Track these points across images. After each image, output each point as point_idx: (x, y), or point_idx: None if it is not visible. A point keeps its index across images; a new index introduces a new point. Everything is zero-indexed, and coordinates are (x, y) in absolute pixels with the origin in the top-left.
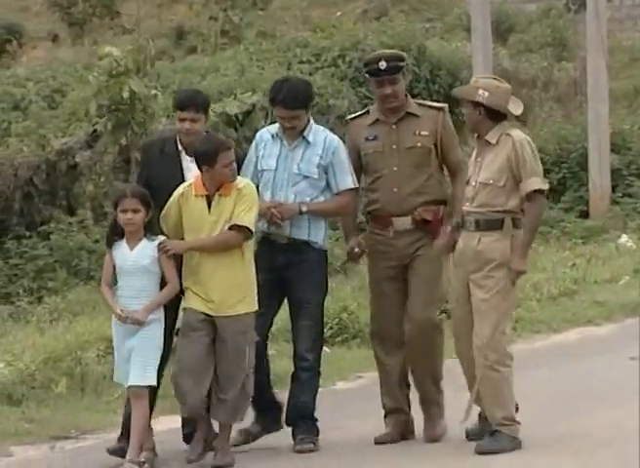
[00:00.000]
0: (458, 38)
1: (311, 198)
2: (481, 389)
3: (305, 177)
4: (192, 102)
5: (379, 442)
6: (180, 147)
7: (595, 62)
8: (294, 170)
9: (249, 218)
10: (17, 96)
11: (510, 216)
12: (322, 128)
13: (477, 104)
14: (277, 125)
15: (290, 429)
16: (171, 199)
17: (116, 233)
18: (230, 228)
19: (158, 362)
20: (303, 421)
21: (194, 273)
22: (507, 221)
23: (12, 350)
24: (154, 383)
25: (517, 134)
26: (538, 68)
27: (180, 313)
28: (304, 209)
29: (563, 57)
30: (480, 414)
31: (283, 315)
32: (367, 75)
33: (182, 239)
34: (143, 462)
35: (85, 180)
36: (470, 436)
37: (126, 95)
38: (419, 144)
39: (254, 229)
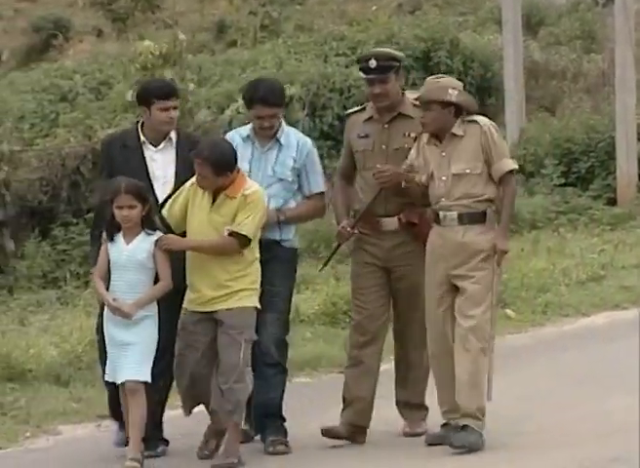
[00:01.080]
0: (489, 31)
1: (285, 200)
2: (464, 377)
3: (280, 180)
4: (175, 90)
5: (326, 434)
6: (142, 138)
7: (623, 54)
8: (268, 172)
9: (249, 227)
10: (64, 88)
11: (492, 207)
12: (293, 129)
13: (447, 104)
14: (248, 127)
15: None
16: (183, 186)
17: (115, 227)
18: (230, 234)
19: (152, 358)
20: (271, 420)
21: (193, 267)
22: (489, 212)
23: (60, 333)
24: (147, 379)
25: (480, 119)
26: (567, 60)
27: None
28: (282, 217)
29: (592, 49)
30: (447, 423)
31: None
32: (360, 72)
33: (180, 228)
34: (145, 457)
35: None
36: (430, 442)
37: None
38: (406, 146)
39: (254, 237)
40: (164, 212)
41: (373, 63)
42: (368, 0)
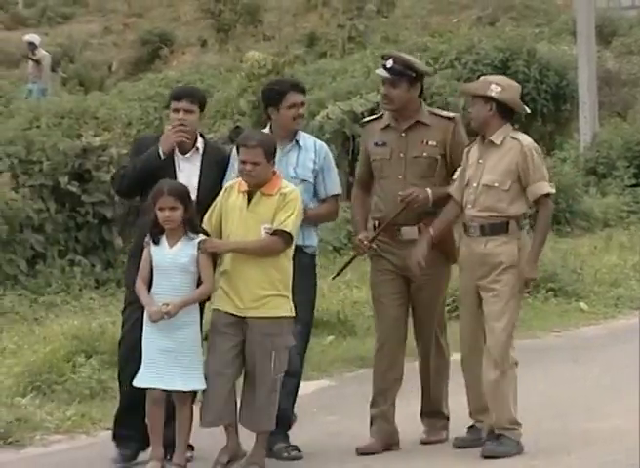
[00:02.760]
0: (564, 42)
1: (305, 203)
2: (489, 392)
3: (302, 182)
4: (189, 93)
5: (362, 452)
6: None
7: None
8: (290, 174)
9: (292, 225)
10: (168, 97)
11: (514, 221)
12: (307, 134)
13: (488, 99)
14: (265, 131)
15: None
16: (217, 197)
17: (158, 230)
18: (274, 233)
19: (201, 364)
20: (280, 428)
21: (227, 270)
22: (512, 224)
23: None
24: (199, 387)
25: (524, 138)
26: (638, 69)
27: (206, 315)
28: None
29: None
30: (473, 425)
31: None
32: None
33: (221, 237)
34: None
35: None
36: (458, 445)
37: None
38: (425, 154)
39: (295, 236)
40: (204, 224)
41: (389, 64)
42: (449, 13)
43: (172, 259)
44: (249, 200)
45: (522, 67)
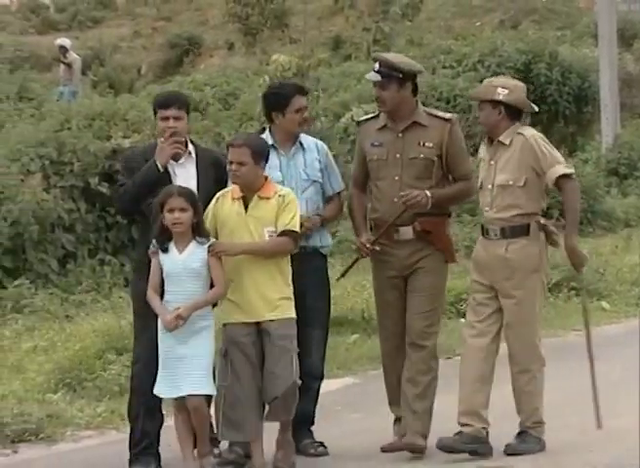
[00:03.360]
0: (586, 44)
1: (317, 203)
2: (518, 395)
3: (314, 182)
4: (176, 100)
5: (385, 450)
6: None
7: None
8: (302, 176)
9: (297, 224)
10: (196, 98)
11: (534, 220)
12: (306, 135)
13: (497, 103)
14: (265, 137)
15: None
16: (209, 206)
17: (165, 236)
18: (283, 234)
19: (211, 370)
20: (304, 428)
21: (232, 280)
22: (533, 226)
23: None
24: (212, 392)
25: (527, 130)
26: None
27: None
28: (320, 219)
29: None
30: (460, 431)
31: None
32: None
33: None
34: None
35: None
36: (441, 447)
37: None
38: (421, 155)
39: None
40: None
41: (376, 67)
42: (473, 16)
43: (183, 265)
44: (246, 205)
45: (544, 70)
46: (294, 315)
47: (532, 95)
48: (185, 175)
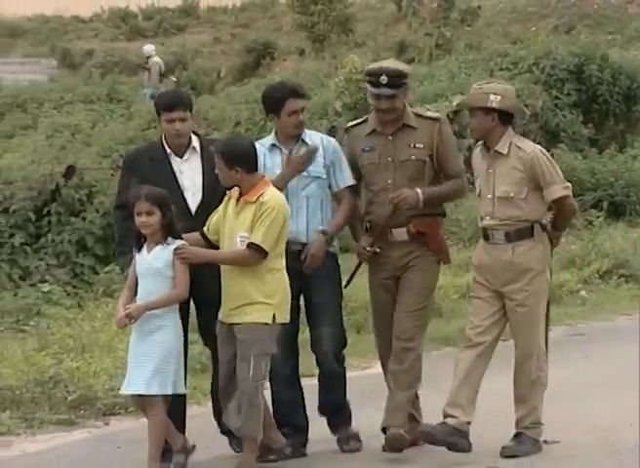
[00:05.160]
0: (635, 47)
1: (321, 199)
2: (519, 392)
3: (315, 178)
4: (180, 102)
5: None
6: (168, 151)
7: None
8: (303, 173)
9: (265, 238)
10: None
11: (538, 224)
12: (315, 131)
13: (490, 110)
14: (270, 137)
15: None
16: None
17: (140, 237)
18: (248, 246)
19: (168, 370)
20: (339, 416)
21: (222, 277)
22: (537, 227)
23: None
24: (157, 393)
25: (528, 145)
26: None
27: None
28: (329, 236)
29: None
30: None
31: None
32: (367, 84)
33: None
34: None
35: None
36: (428, 440)
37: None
38: (413, 157)
39: (270, 249)
40: (205, 228)
41: (384, 80)
42: (528, 22)
43: (149, 265)
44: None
45: (596, 71)
46: (261, 319)
47: (584, 94)
48: (191, 171)
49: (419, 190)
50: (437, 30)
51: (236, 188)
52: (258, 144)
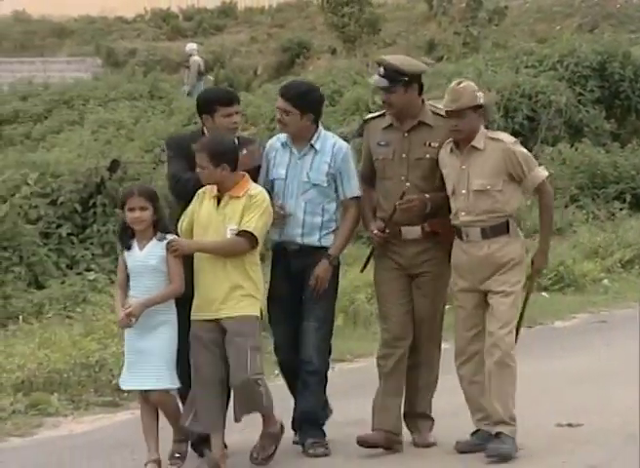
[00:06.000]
0: None
1: (322, 206)
2: (490, 387)
3: (315, 185)
4: (236, 97)
5: (361, 442)
6: None
7: None
8: (303, 178)
9: (256, 225)
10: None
11: (512, 219)
12: (331, 134)
13: (477, 107)
14: (282, 135)
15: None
16: (192, 201)
17: (127, 234)
18: (238, 234)
19: (174, 364)
20: (310, 425)
21: (200, 271)
22: (511, 223)
23: None
24: (172, 385)
25: (504, 136)
26: None
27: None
28: (334, 258)
29: None
30: (478, 430)
31: None
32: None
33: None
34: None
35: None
36: (461, 450)
37: None
38: (427, 156)
39: (260, 237)
40: (179, 228)
41: (381, 71)
42: (553, 21)
43: (142, 262)
44: (219, 204)
45: (618, 69)
46: (254, 313)
47: (606, 91)
48: None
49: (427, 196)
50: (465, 29)
51: (212, 186)
52: (275, 138)
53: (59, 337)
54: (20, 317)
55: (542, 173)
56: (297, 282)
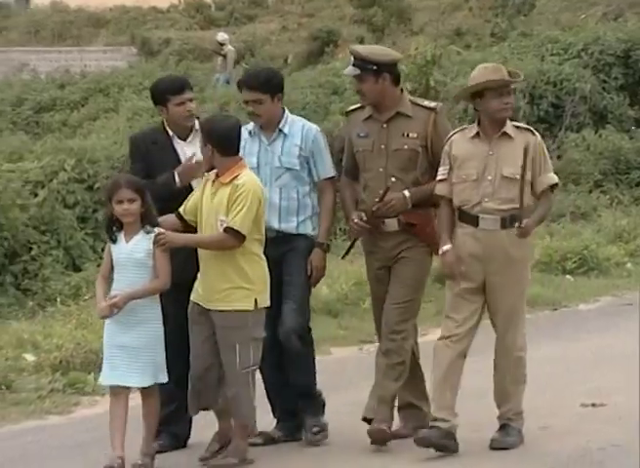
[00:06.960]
0: None
1: (296, 190)
2: (503, 382)
3: (288, 170)
4: (187, 83)
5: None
6: (170, 133)
7: None
8: (275, 163)
9: (242, 222)
10: (336, 83)
11: (526, 211)
12: (299, 118)
13: (513, 89)
14: (250, 124)
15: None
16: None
17: (114, 226)
18: (225, 230)
19: (161, 359)
20: (307, 400)
21: (200, 259)
22: (525, 215)
23: (330, 275)
24: (153, 382)
25: (529, 129)
26: None
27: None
28: (325, 247)
29: None
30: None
31: None
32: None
33: (196, 226)
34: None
35: None
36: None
37: (432, 82)
38: (405, 147)
39: (248, 231)
40: (181, 209)
41: (351, 60)
42: (578, 10)
43: (128, 255)
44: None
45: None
46: (245, 306)
47: (630, 78)
48: (191, 152)
49: (406, 193)
50: (494, 19)
51: (214, 170)
52: (242, 128)
53: (95, 319)
54: (58, 299)
55: (555, 177)
56: (275, 268)
